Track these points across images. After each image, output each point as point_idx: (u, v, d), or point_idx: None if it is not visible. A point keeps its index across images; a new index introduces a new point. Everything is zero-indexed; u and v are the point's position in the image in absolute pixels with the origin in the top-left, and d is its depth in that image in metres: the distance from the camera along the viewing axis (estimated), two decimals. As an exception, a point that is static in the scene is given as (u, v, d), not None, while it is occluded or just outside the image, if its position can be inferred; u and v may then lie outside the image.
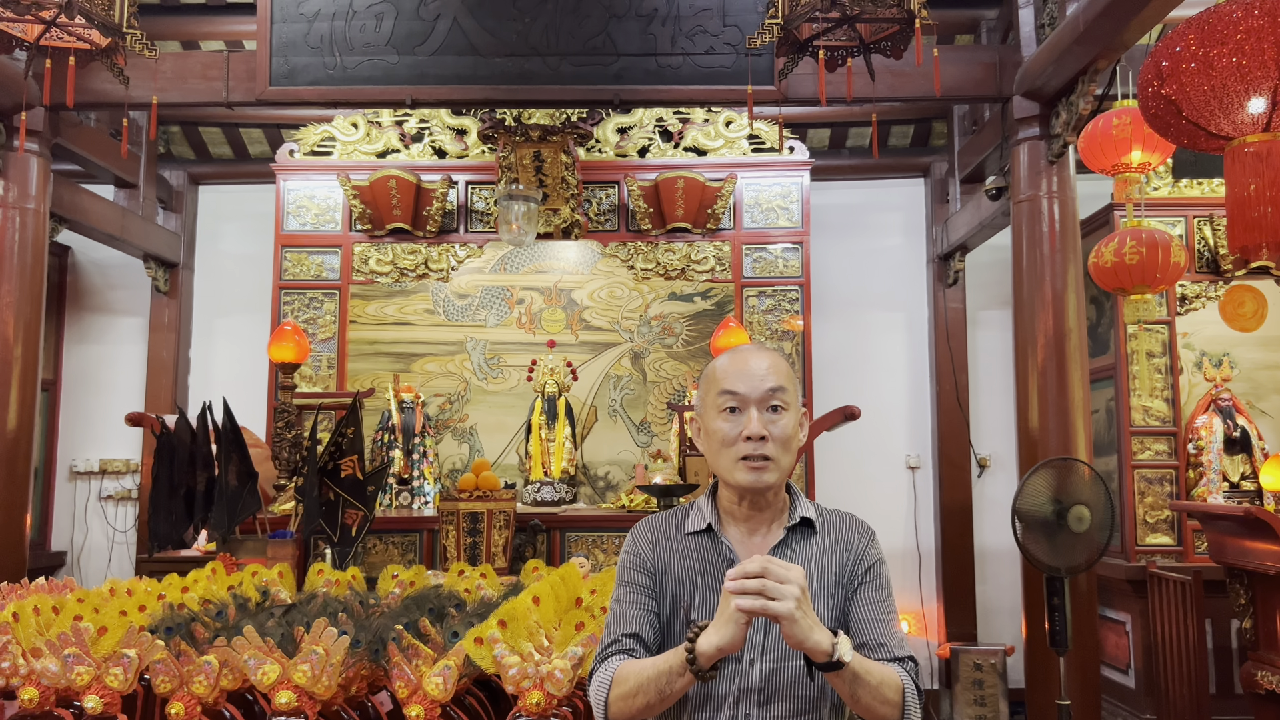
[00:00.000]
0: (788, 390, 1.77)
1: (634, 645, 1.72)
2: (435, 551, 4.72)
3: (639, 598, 1.77)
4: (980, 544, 6.53)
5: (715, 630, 1.55)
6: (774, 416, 1.75)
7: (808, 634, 1.52)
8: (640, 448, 6.04)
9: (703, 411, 1.83)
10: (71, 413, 6.85)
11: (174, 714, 2.32)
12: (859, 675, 1.58)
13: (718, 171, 5.93)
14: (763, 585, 1.50)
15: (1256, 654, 4.64)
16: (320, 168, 6.07)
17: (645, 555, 1.80)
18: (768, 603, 1.50)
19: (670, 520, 1.85)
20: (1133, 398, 5.65)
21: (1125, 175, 4.24)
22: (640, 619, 1.75)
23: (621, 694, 1.65)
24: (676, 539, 1.81)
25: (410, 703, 2.33)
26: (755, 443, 1.73)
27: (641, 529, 1.86)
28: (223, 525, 3.61)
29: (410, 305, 6.14)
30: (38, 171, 5.21)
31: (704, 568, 1.76)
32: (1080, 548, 4.04)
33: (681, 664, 1.57)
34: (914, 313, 6.84)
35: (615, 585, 1.82)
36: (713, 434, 1.78)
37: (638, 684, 1.63)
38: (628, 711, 1.66)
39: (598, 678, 1.70)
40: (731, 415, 1.76)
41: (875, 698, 1.61)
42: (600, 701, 1.68)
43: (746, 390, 1.75)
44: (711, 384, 1.81)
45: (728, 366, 1.80)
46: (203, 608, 2.75)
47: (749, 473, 1.73)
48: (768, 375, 1.76)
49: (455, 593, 2.92)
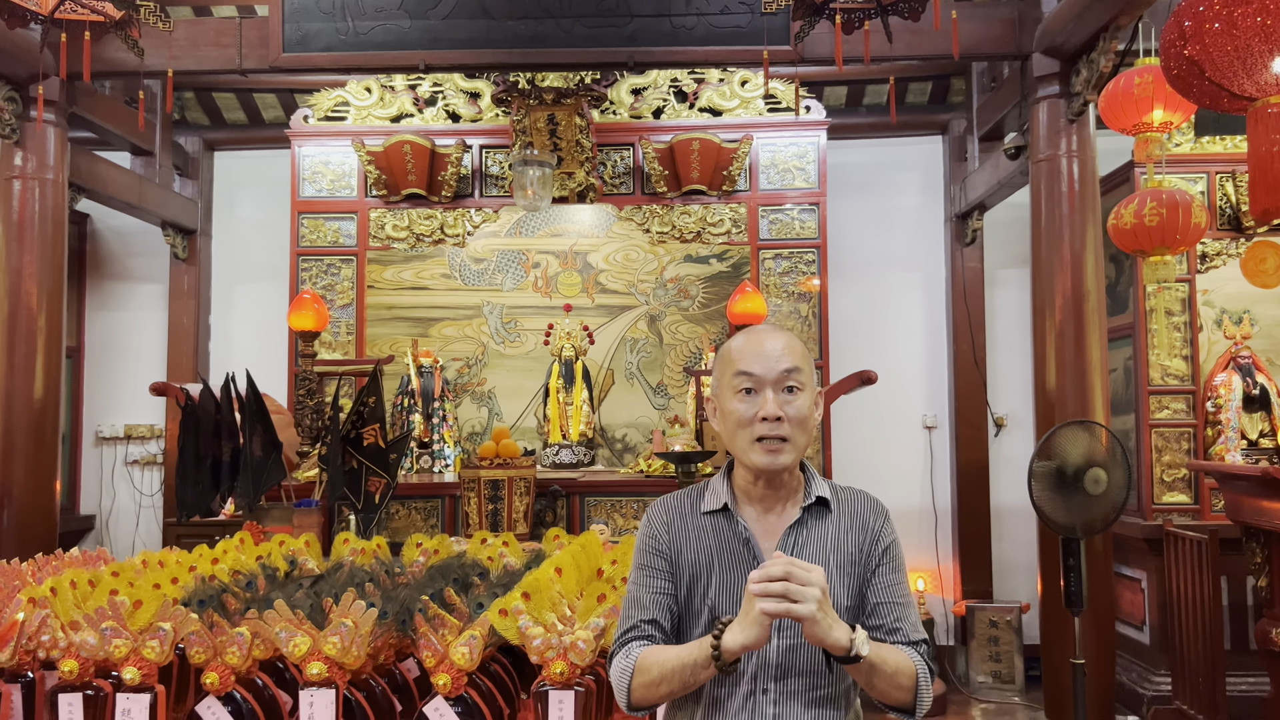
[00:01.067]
0: (803, 371, 1.79)
1: (653, 631, 1.77)
2: (457, 517, 4.79)
3: (655, 581, 1.80)
4: (996, 502, 6.56)
5: (741, 630, 1.59)
6: (790, 397, 1.77)
7: (828, 632, 1.57)
8: (657, 410, 6.08)
9: (719, 392, 1.85)
10: (95, 379, 6.93)
11: (209, 683, 2.40)
12: (876, 666, 1.64)
13: (733, 132, 5.89)
14: (786, 589, 1.54)
15: (1272, 611, 4.66)
16: (335, 133, 6.06)
17: (661, 537, 1.83)
18: (791, 606, 1.54)
19: (686, 500, 1.88)
20: (1151, 356, 5.63)
21: (1146, 135, 4.19)
22: (657, 603, 1.79)
23: (645, 682, 1.70)
24: (692, 518, 1.84)
25: (438, 671, 2.39)
26: (771, 423, 1.75)
27: (657, 510, 1.89)
28: (249, 494, 3.68)
29: (427, 270, 6.16)
30: (55, 142, 5.23)
31: (720, 547, 1.79)
32: (1097, 510, 4.06)
33: (707, 658, 1.62)
34: (931, 272, 6.81)
35: (632, 567, 1.86)
36: (729, 415, 1.80)
37: (661, 674, 1.68)
38: (651, 698, 1.73)
39: (619, 664, 1.75)
40: (747, 396, 1.78)
41: (890, 684, 1.67)
42: (623, 687, 1.73)
43: (762, 371, 1.77)
44: (727, 365, 1.82)
45: (743, 348, 1.81)
46: (233, 578, 2.81)
47: (765, 454, 1.76)
48: (783, 356, 1.78)
49: (479, 561, 2.98)
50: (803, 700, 1.72)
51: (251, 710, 2.44)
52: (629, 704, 1.74)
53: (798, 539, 1.78)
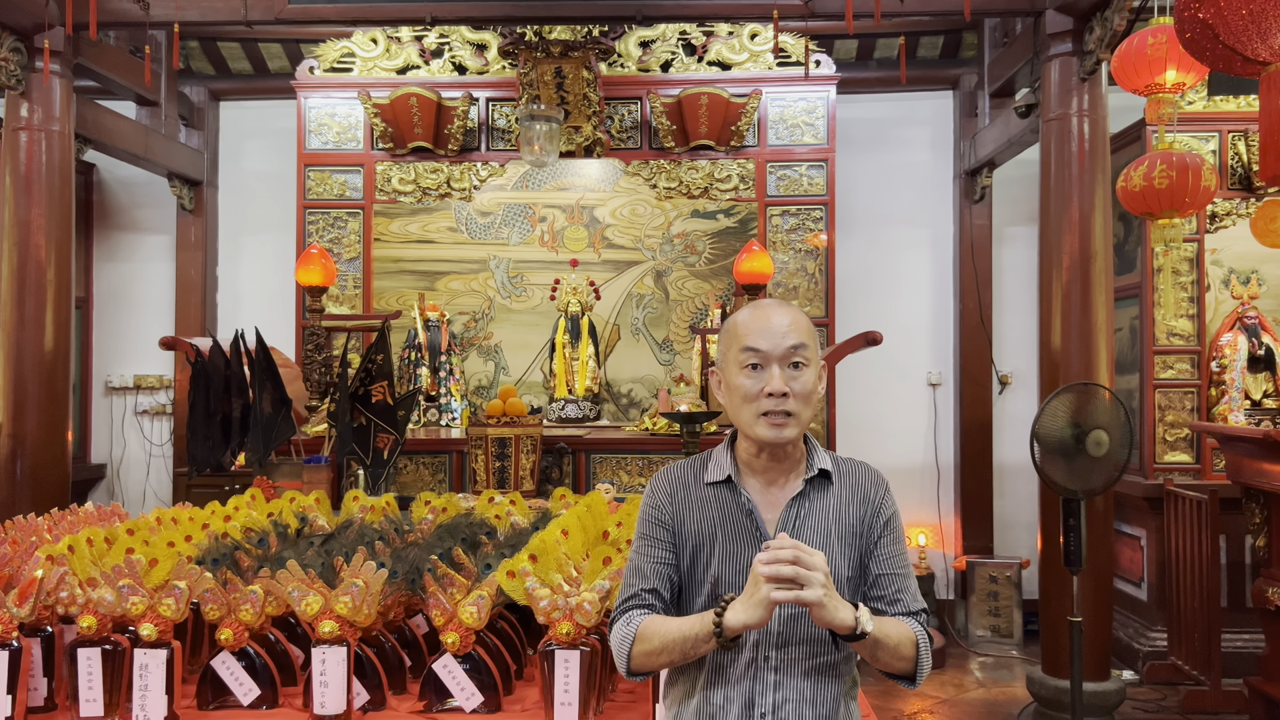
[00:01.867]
0: (808, 346, 1.81)
1: (653, 600, 1.81)
2: (465, 473, 4.84)
3: (657, 551, 1.84)
4: (999, 459, 6.61)
5: (744, 610, 1.63)
6: (795, 373, 1.79)
7: (834, 614, 1.61)
8: (663, 366, 6.11)
9: (724, 366, 1.86)
10: (104, 330, 6.97)
11: (223, 639, 2.45)
12: (880, 641, 1.68)
13: (742, 87, 5.84)
14: (796, 573, 1.58)
15: (1269, 571, 4.73)
16: (341, 85, 6.02)
17: (664, 507, 1.86)
18: (799, 593, 1.58)
19: (688, 470, 1.91)
20: (1157, 316, 5.63)
21: (1158, 96, 4.15)
22: (658, 573, 1.83)
23: (645, 650, 1.75)
24: (695, 489, 1.87)
25: (446, 630, 2.44)
26: (777, 399, 1.77)
27: (660, 481, 1.91)
28: (258, 450, 3.72)
29: (433, 223, 6.16)
30: (61, 93, 5.20)
31: (723, 518, 1.82)
32: (1098, 471, 4.10)
33: (708, 633, 1.66)
34: (939, 229, 6.79)
35: (635, 536, 1.89)
36: (734, 389, 1.82)
37: (662, 644, 1.73)
38: (649, 666, 1.78)
39: (620, 631, 1.79)
40: (754, 372, 1.80)
41: (893, 656, 1.72)
42: (624, 654, 1.78)
43: (768, 347, 1.79)
44: (733, 340, 1.84)
45: (749, 323, 1.83)
46: (245, 536, 2.86)
47: (770, 429, 1.78)
48: (789, 332, 1.80)
49: (486, 520, 3.02)
50: (803, 668, 1.76)
51: (264, 665, 2.50)
52: (628, 670, 1.79)
53: (800, 511, 1.81)
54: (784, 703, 1.75)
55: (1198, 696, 4.91)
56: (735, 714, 1.75)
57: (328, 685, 2.33)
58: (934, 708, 5.08)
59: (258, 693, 2.48)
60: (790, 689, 1.75)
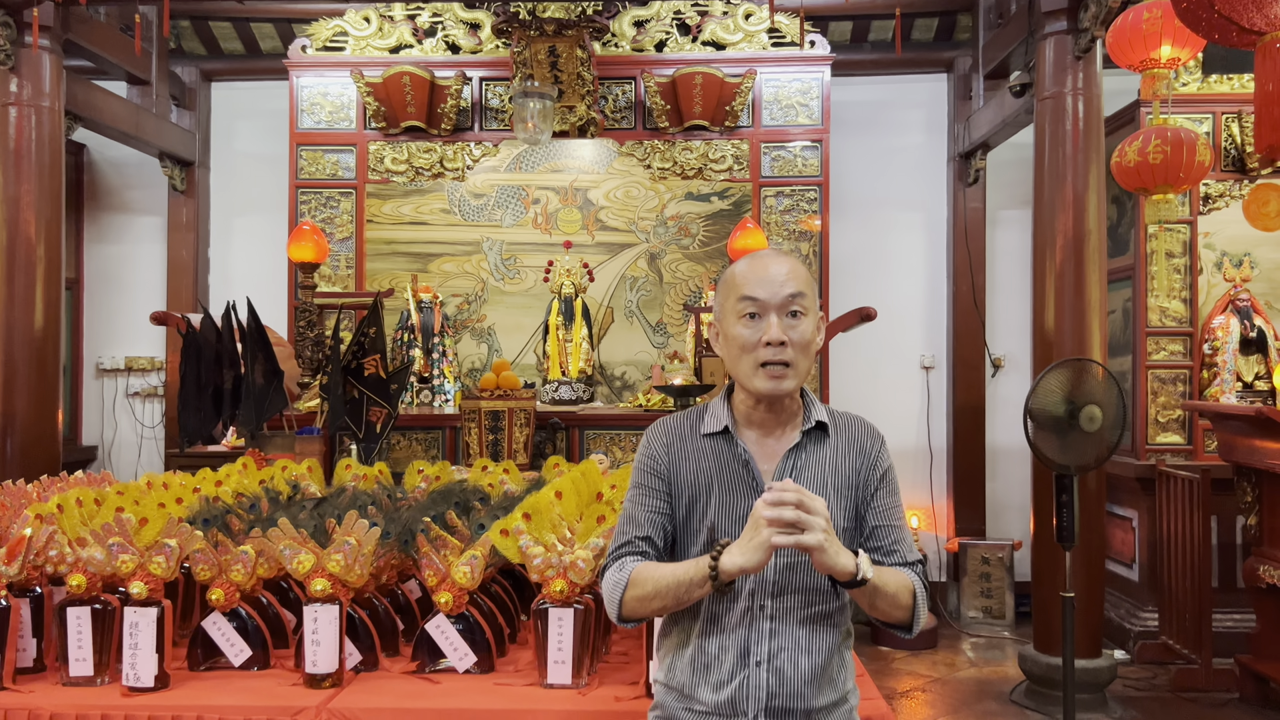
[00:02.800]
0: (807, 295, 1.80)
1: (646, 548, 1.80)
2: (458, 448, 4.83)
3: (652, 500, 1.83)
4: (992, 443, 6.62)
5: (741, 553, 1.61)
6: (794, 322, 1.78)
7: (835, 559, 1.61)
8: (656, 349, 6.10)
9: (722, 317, 1.85)
10: (95, 312, 6.93)
11: (214, 599, 2.44)
12: (879, 588, 1.69)
13: (736, 67, 5.83)
14: (798, 517, 1.57)
15: (1260, 549, 4.75)
16: (333, 64, 5.99)
17: (660, 458, 1.85)
18: (800, 536, 1.58)
19: (685, 422, 1.90)
20: (1150, 298, 5.64)
21: (1153, 71, 4.15)
22: (652, 521, 1.82)
23: (638, 595, 1.74)
24: (692, 441, 1.85)
25: (439, 590, 2.44)
26: (775, 348, 1.76)
27: (656, 431, 1.90)
28: (250, 422, 3.70)
29: (426, 205, 6.13)
30: (51, 68, 5.17)
31: (720, 469, 1.81)
32: (1091, 447, 4.10)
33: (703, 577, 1.65)
34: (933, 212, 6.79)
35: (629, 486, 1.88)
36: (732, 340, 1.81)
37: (656, 589, 1.72)
38: (641, 612, 1.77)
39: (612, 576, 1.78)
40: (751, 321, 1.78)
41: (891, 604, 1.73)
42: (615, 599, 1.77)
43: (766, 296, 1.78)
44: (731, 289, 1.82)
45: (747, 272, 1.81)
46: (236, 501, 2.85)
47: (769, 380, 1.77)
48: (788, 281, 1.78)
49: (479, 487, 3.01)
50: (799, 617, 1.76)
51: (256, 626, 2.49)
52: (619, 615, 1.78)
53: (797, 462, 1.81)
54: (779, 651, 1.74)
55: (1188, 675, 4.93)
56: (730, 663, 1.75)
57: (320, 644, 2.32)
58: (926, 686, 5.09)
59: (249, 653, 2.47)
60: (786, 638, 1.75)
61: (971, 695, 4.94)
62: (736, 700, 1.74)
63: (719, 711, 1.75)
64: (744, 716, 1.73)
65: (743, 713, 1.73)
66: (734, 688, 1.74)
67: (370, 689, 2.34)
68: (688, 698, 1.78)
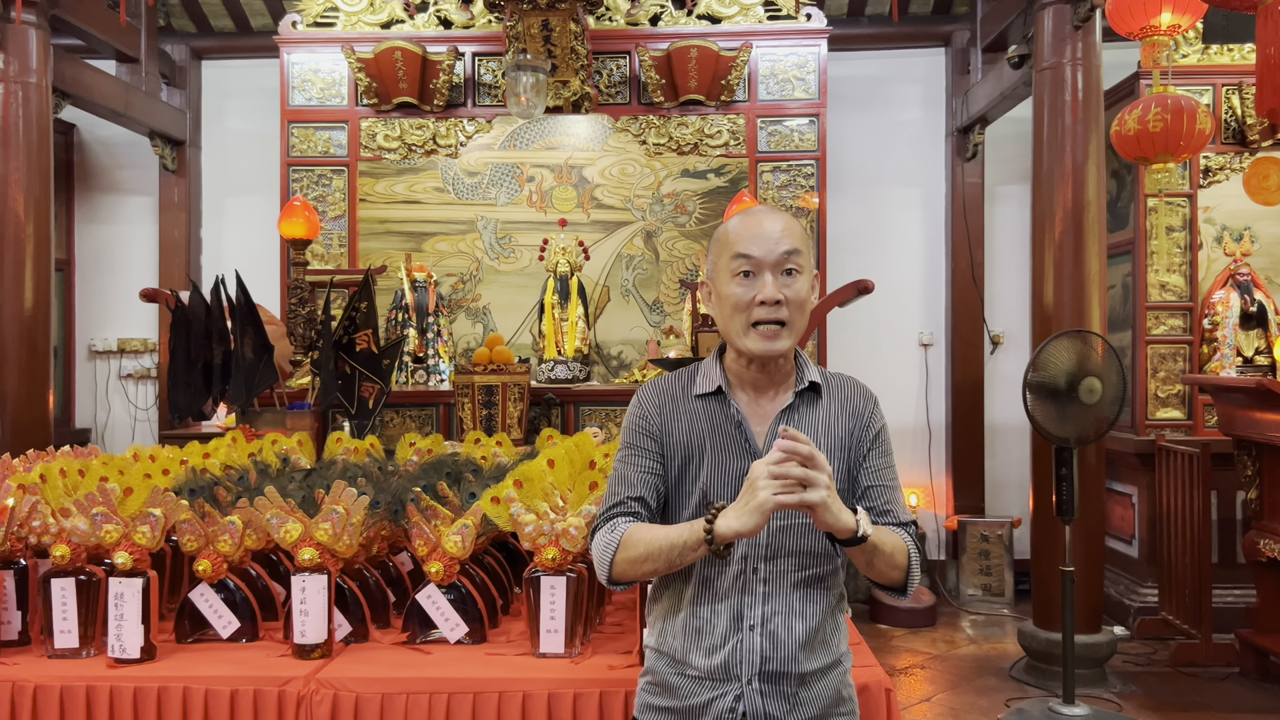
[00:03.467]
0: (802, 253, 1.74)
1: (638, 509, 1.76)
2: (452, 425, 4.79)
3: (643, 460, 1.79)
4: (990, 420, 6.58)
5: (737, 516, 1.57)
6: (788, 280, 1.73)
7: (837, 516, 1.57)
8: (653, 327, 6.04)
9: (714, 275, 1.80)
10: (87, 293, 6.88)
11: (201, 570, 2.40)
12: (877, 547, 1.65)
13: (732, 40, 5.76)
14: (805, 474, 1.53)
15: (1260, 523, 4.72)
16: (324, 40, 5.92)
17: (651, 418, 1.81)
18: (804, 494, 1.54)
19: (676, 383, 1.85)
20: (1150, 272, 5.59)
21: (1153, 39, 4.10)
22: (644, 481, 1.77)
23: (630, 557, 1.70)
24: (684, 402, 1.81)
25: (430, 560, 2.40)
26: (770, 307, 1.71)
27: (647, 391, 1.86)
28: (240, 398, 3.66)
29: (420, 183, 6.07)
30: (37, 44, 5.11)
31: (712, 429, 1.77)
32: (1090, 419, 4.07)
33: (698, 540, 1.61)
34: (931, 188, 6.73)
35: (620, 447, 1.84)
36: (725, 299, 1.76)
37: (648, 551, 1.67)
38: (632, 574, 1.72)
39: (603, 537, 1.74)
40: (745, 279, 1.73)
41: (888, 564, 1.69)
42: (605, 561, 1.73)
43: (761, 254, 1.72)
44: (724, 247, 1.77)
45: (740, 229, 1.76)
46: (224, 473, 2.81)
47: (762, 340, 1.72)
48: (782, 238, 1.73)
49: (472, 459, 2.97)
50: (792, 580, 1.73)
51: (245, 598, 2.45)
52: (609, 577, 1.74)
53: (790, 422, 1.76)
54: (773, 615, 1.71)
55: (1188, 650, 4.91)
56: (723, 628, 1.72)
57: (308, 614, 2.28)
58: (925, 663, 5.06)
59: (237, 625, 2.44)
60: (779, 601, 1.72)
61: (971, 671, 4.92)
62: (730, 665, 1.70)
63: (712, 676, 1.71)
64: (738, 681, 1.70)
65: (736, 677, 1.70)
66: (727, 652, 1.70)
67: (360, 659, 2.30)
68: (680, 663, 1.75)
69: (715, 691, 1.71)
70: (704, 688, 1.72)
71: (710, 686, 1.71)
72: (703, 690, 1.72)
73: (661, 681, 1.78)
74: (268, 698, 2.16)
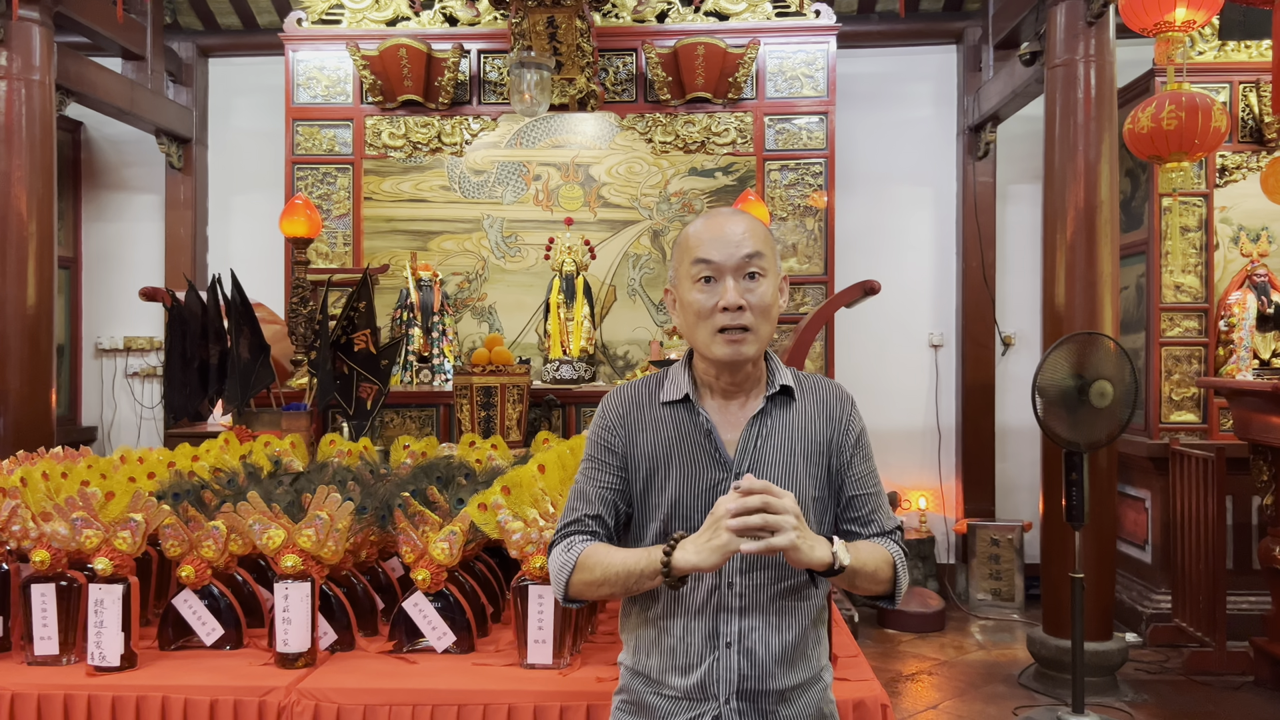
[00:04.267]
0: (765, 256, 1.67)
1: (596, 527, 1.71)
2: (452, 426, 4.74)
3: (604, 476, 1.73)
4: (1001, 422, 6.49)
5: (696, 552, 1.52)
6: (751, 284, 1.66)
7: (810, 554, 1.52)
8: (659, 327, 5.99)
9: (677, 282, 1.73)
10: (94, 291, 6.87)
11: (184, 576, 2.36)
12: (858, 571, 1.61)
13: (740, 37, 5.69)
14: (765, 520, 1.47)
15: (1276, 529, 4.62)
16: (329, 37, 5.88)
17: (615, 428, 1.75)
18: (771, 540, 1.48)
19: (643, 390, 1.79)
20: (1164, 273, 5.50)
21: (1168, 35, 4.00)
22: (604, 499, 1.72)
23: (586, 580, 1.66)
24: (650, 409, 1.75)
25: (417, 567, 2.35)
26: (733, 313, 1.64)
27: (612, 400, 1.79)
28: (236, 398, 3.62)
29: (426, 182, 6.02)
30: (41, 41, 5.09)
31: (680, 438, 1.71)
32: (1101, 423, 3.99)
33: (654, 571, 1.57)
34: (942, 187, 6.64)
35: (583, 458, 1.78)
36: (688, 306, 1.69)
37: (604, 576, 1.63)
38: (588, 595, 1.69)
39: (559, 557, 1.69)
40: (707, 285, 1.67)
41: (871, 581, 1.65)
42: (562, 581, 1.69)
43: (721, 258, 1.66)
44: (685, 253, 1.71)
45: (701, 232, 1.69)
46: (213, 475, 2.76)
47: (727, 345, 1.66)
48: (744, 241, 1.66)
49: (466, 462, 2.91)
50: (769, 594, 1.66)
51: (229, 604, 2.41)
52: (565, 596, 1.70)
53: (761, 429, 1.70)
54: (750, 631, 1.65)
55: (1202, 658, 4.81)
56: (698, 644, 1.65)
57: (291, 622, 2.24)
58: (933, 669, 4.99)
59: (221, 632, 2.39)
60: (756, 617, 1.65)
61: (979, 678, 4.84)
62: (707, 684, 1.64)
63: (689, 696, 1.66)
64: (715, 700, 1.64)
65: (714, 696, 1.64)
66: (703, 671, 1.64)
67: (344, 669, 2.26)
68: (655, 682, 1.69)
69: (692, 712, 1.65)
70: (681, 708, 1.66)
71: (687, 707, 1.66)
72: (679, 711, 1.66)
73: (637, 701, 1.72)
74: (248, 708, 2.11)
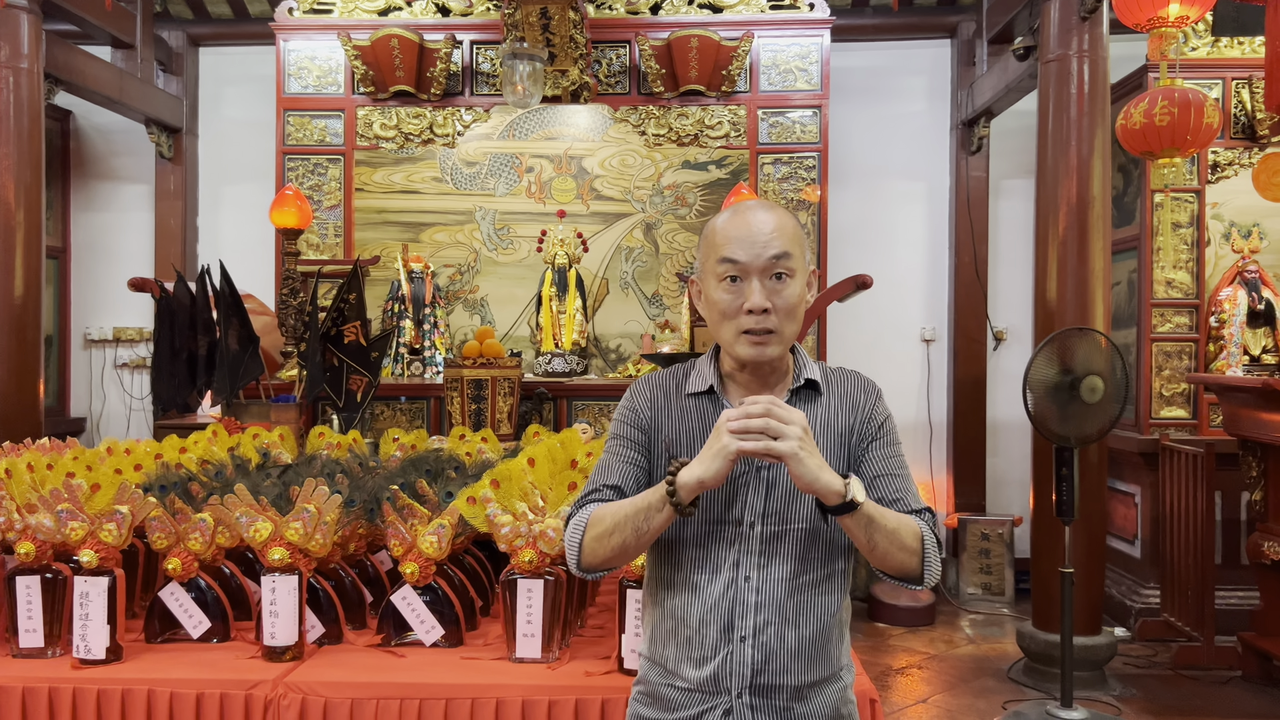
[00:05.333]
0: (793, 255, 1.64)
1: (613, 496, 1.68)
2: (443, 418, 4.73)
3: (627, 452, 1.72)
4: (993, 417, 6.50)
5: (699, 463, 1.50)
6: (778, 285, 1.63)
7: (817, 474, 1.48)
8: (652, 320, 5.97)
9: (702, 277, 1.71)
10: (82, 281, 6.83)
11: (171, 569, 2.34)
12: (874, 519, 1.54)
13: (733, 30, 5.67)
14: (766, 424, 1.45)
15: (1265, 525, 4.64)
16: (320, 26, 5.84)
17: (642, 412, 1.73)
18: (771, 443, 1.45)
19: (671, 379, 1.77)
20: (1156, 269, 5.50)
21: (1161, 31, 3.99)
22: (625, 472, 1.70)
23: (597, 534, 1.62)
24: (676, 399, 1.73)
25: (405, 561, 2.34)
26: (758, 316, 1.62)
27: (641, 386, 1.78)
28: (225, 389, 3.60)
29: (418, 173, 6.00)
30: (29, 28, 5.05)
31: (703, 429, 1.68)
32: (1092, 418, 3.99)
33: (661, 498, 1.53)
34: (935, 182, 6.64)
35: (608, 438, 1.77)
36: (713, 304, 1.67)
37: (614, 522, 1.59)
38: (603, 552, 1.63)
39: (573, 522, 1.67)
40: (732, 285, 1.64)
41: (893, 543, 1.57)
42: (575, 543, 1.65)
43: (748, 259, 1.62)
44: (711, 249, 1.67)
45: (728, 230, 1.66)
46: (201, 468, 2.75)
47: (751, 347, 1.64)
48: (771, 240, 1.63)
49: (455, 455, 2.90)
50: (788, 587, 1.63)
51: (216, 597, 2.40)
52: (579, 563, 1.66)
53: None
54: (766, 625, 1.62)
55: (1190, 652, 4.83)
56: (714, 637, 1.63)
57: (278, 615, 2.22)
58: (923, 663, 5.00)
59: (208, 625, 2.38)
60: (773, 610, 1.62)
61: (969, 672, 4.85)
62: (720, 677, 1.62)
63: (701, 689, 1.64)
64: (728, 694, 1.62)
65: (726, 690, 1.62)
66: (717, 664, 1.62)
67: (331, 662, 2.25)
68: (670, 673, 1.67)
69: (704, 705, 1.63)
70: (693, 701, 1.65)
71: (699, 700, 1.64)
72: (692, 704, 1.65)
73: (653, 692, 1.71)
74: (234, 701, 2.10)
